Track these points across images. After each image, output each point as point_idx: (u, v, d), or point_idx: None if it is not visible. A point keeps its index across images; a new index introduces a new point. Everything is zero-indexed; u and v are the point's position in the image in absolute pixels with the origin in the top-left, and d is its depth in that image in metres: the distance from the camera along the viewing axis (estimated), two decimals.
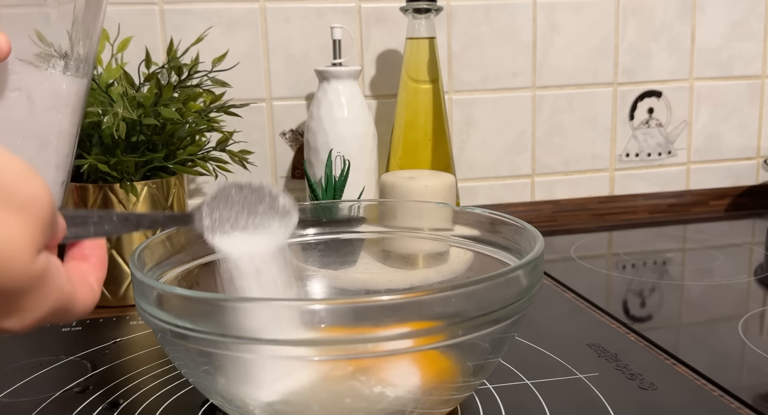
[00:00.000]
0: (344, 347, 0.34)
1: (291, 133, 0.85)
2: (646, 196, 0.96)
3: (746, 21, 0.94)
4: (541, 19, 0.89)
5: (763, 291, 0.67)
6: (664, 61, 0.93)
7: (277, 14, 0.82)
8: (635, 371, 0.49)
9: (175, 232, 0.47)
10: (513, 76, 0.89)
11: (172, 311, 0.36)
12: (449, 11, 0.86)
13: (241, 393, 0.38)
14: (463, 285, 0.35)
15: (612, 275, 0.73)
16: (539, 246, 0.41)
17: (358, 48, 0.85)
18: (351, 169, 0.72)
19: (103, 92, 0.62)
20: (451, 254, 0.53)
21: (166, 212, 0.66)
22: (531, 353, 0.53)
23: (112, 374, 0.51)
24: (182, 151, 0.67)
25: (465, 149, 0.90)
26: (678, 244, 0.86)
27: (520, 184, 0.92)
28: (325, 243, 0.54)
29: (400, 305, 0.34)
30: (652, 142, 0.95)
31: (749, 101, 0.96)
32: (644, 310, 0.64)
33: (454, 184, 0.69)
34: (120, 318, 0.62)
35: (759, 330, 0.58)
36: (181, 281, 0.47)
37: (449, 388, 0.40)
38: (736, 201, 0.99)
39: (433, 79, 0.78)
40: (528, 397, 0.46)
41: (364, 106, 0.76)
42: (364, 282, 0.55)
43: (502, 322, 0.37)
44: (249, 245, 0.39)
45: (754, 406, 0.45)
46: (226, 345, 0.34)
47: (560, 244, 0.83)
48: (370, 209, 0.56)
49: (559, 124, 0.92)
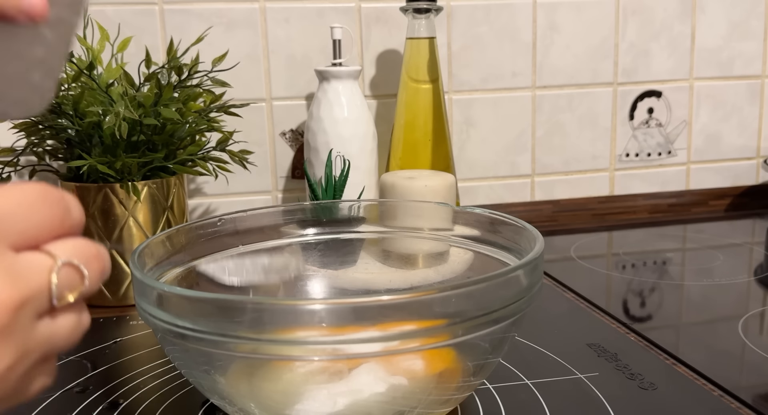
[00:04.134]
0: (344, 347, 0.34)
1: (291, 133, 0.85)
2: (646, 196, 0.96)
3: (746, 21, 0.94)
4: (541, 19, 0.89)
5: (763, 291, 0.67)
6: (664, 61, 0.93)
7: (277, 14, 0.82)
8: (635, 371, 0.49)
9: (175, 232, 0.47)
10: (513, 76, 0.89)
11: (172, 311, 0.36)
12: (449, 11, 0.86)
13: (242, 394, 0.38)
14: (463, 285, 0.35)
15: (612, 275, 0.73)
16: (539, 246, 0.41)
17: (358, 48, 0.85)
18: (351, 169, 0.72)
19: (103, 92, 0.62)
20: (451, 254, 0.53)
21: None
22: (531, 353, 0.53)
23: (112, 374, 0.51)
24: (182, 151, 0.67)
25: (465, 149, 0.90)
26: (678, 244, 0.86)
27: (520, 184, 0.92)
28: (325, 243, 0.54)
29: (400, 305, 0.34)
30: (652, 142, 0.95)
31: (749, 101, 0.96)
32: (644, 310, 0.64)
33: (454, 184, 0.69)
34: (120, 318, 0.62)
35: (759, 330, 0.58)
36: (181, 281, 0.47)
37: (449, 388, 0.40)
38: (736, 201, 0.99)
39: (433, 79, 0.78)
40: (528, 397, 0.46)
41: (364, 106, 0.76)
42: (364, 282, 0.55)
43: (502, 322, 0.37)
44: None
45: (754, 406, 0.45)
46: (226, 345, 0.34)
47: (560, 244, 0.83)
48: (370, 209, 0.56)
49: (559, 124, 0.92)
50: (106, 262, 0.28)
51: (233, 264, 0.50)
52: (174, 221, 0.67)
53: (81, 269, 0.26)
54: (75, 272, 0.26)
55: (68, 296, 0.26)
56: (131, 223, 0.64)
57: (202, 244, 0.49)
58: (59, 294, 0.26)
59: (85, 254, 0.27)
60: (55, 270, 0.25)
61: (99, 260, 0.28)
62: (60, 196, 0.27)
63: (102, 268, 0.28)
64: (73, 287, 0.26)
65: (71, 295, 0.26)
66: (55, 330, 0.26)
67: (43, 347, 0.26)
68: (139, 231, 0.64)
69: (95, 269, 0.27)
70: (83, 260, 0.27)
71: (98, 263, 0.28)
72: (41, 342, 0.26)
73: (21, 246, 0.25)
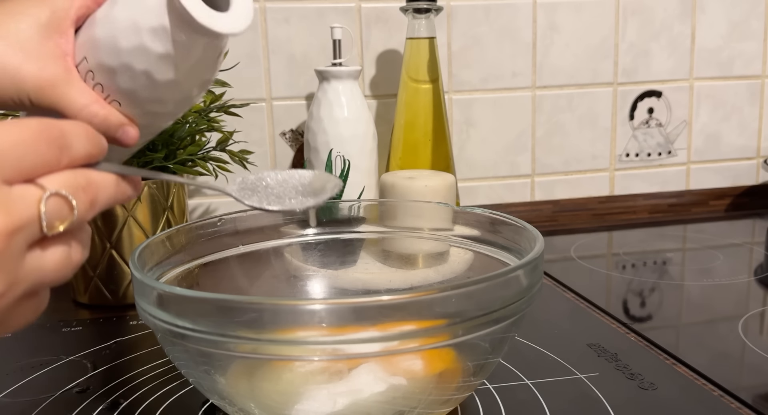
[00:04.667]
0: (344, 347, 0.34)
1: (291, 133, 0.85)
2: (646, 196, 0.96)
3: (746, 21, 0.94)
4: (541, 19, 0.89)
5: (763, 291, 0.67)
6: (664, 61, 0.93)
7: (277, 14, 0.82)
8: (635, 371, 0.49)
9: (175, 232, 0.47)
10: (513, 76, 0.89)
11: (172, 311, 0.36)
12: (449, 11, 0.86)
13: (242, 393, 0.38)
14: (463, 285, 0.35)
15: (612, 275, 0.73)
16: (539, 246, 0.41)
17: (358, 48, 0.85)
18: (351, 169, 0.72)
19: None
20: (451, 254, 0.53)
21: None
22: (531, 353, 0.53)
23: (112, 374, 0.51)
24: (182, 151, 0.67)
25: (465, 149, 0.90)
26: (678, 244, 0.86)
27: (520, 184, 0.92)
28: (325, 243, 0.54)
29: (400, 305, 0.34)
30: (652, 142, 0.95)
31: (749, 101, 0.96)
32: (644, 310, 0.64)
33: (454, 184, 0.69)
34: (120, 318, 0.62)
35: (759, 330, 0.58)
36: (181, 281, 0.47)
37: (449, 388, 0.40)
38: (736, 201, 0.99)
39: (433, 79, 0.78)
40: (528, 397, 0.46)
41: (364, 106, 0.76)
42: (364, 282, 0.55)
43: (502, 322, 0.37)
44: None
45: (754, 406, 0.45)
46: (226, 345, 0.34)
47: (560, 244, 0.83)
48: (370, 209, 0.56)
49: (559, 124, 0.92)
50: (96, 193, 0.30)
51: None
52: (174, 221, 0.67)
53: (69, 200, 0.28)
54: (64, 202, 0.28)
55: (58, 225, 0.28)
56: (131, 223, 0.64)
57: (202, 244, 0.49)
58: (49, 223, 0.27)
59: (74, 185, 0.28)
60: (43, 200, 0.27)
61: (88, 191, 0.29)
62: (60, 132, 0.28)
63: (91, 199, 0.29)
64: (63, 217, 0.28)
65: (61, 225, 0.28)
66: (45, 261, 0.28)
67: (32, 276, 0.27)
68: (139, 231, 0.64)
69: (84, 200, 0.29)
70: (71, 191, 0.28)
71: (87, 194, 0.29)
72: (31, 272, 0.27)
73: (15, 180, 0.26)
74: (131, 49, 0.35)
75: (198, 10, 0.34)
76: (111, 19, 0.36)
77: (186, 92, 0.38)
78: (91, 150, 0.30)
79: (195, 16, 0.34)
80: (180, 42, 0.35)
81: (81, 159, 0.29)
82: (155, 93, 0.36)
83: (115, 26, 0.35)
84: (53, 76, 0.35)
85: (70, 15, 0.37)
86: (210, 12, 0.34)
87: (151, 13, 0.35)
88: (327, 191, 0.37)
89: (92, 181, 0.30)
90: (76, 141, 0.29)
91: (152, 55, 0.35)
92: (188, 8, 0.34)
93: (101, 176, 0.30)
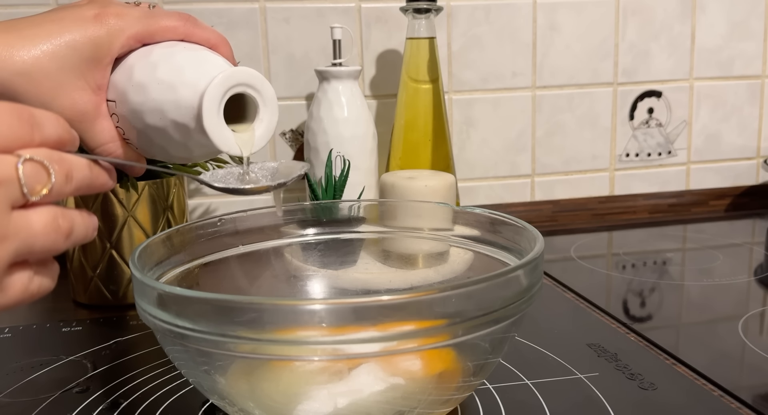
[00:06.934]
0: (344, 347, 0.34)
1: (291, 133, 0.85)
2: (646, 196, 0.96)
3: (746, 21, 0.94)
4: (541, 19, 0.89)
5: (763, 291, 0.67)
6: (664, 61, 0.93)
7: (277, 14, 0.82)
8: (635, 371, 0.49)
9: (175, 232, 0.47)
10: (513, 76, 0.89)
11: (172, 311, 0.36)
12: (449, 11, 0.86)
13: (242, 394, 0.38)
14: (463, 285, 0.35)
15: (612, 275, 0.73)
16: (539, 246, 0.41)
17: (358, 48, 0.85)
18: (351, 169, 0.72)
19: None
20: (451, 254, 0.53)
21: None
22: (531, 353, 0.53)
23: (112, 374, 0.51)
24: None
25: (465, 149, 0.90)
26: (678, 244, 0.86)
27: (520, 184, 0.92)
28: (325, 243, 0.54)
29: (400, 305, 0.34)
30: (652, 142, 0.95)
31: (749, 101, 0.96)
32: (644, 310, 0.64)
33: (454, 184, 0.69)
34: (120, 318, 0.62)
35: (759, 330, 0.58)
36: (181, 281, 0.47)
37: (449, 388, 0.40)
38: (736, 201, 0.99)
39: (433, 79, 0.78)
40: (528, 397, 0.46)
41: (364, 106, 0.76)
42: (364, 282, 0.55)
43: (502, 322, 0.37)
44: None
45: (754, 406, 0.45)
46: (226, 345, 0.34)
47: (560, 244, 0.83)
48: (370, 209, 0.56)
49: (559, 124, 0.92)
50: (70, 168, 0.31)
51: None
52: (174, 221, 0.67)
53: (45, 164, 0.30)
54: (40, 167, 0.30)
55: (40, 189, 0.29)
56: (131, 223, 0.64)
57: (202, 244, 0.49)
58: (30, 187, 0.29)
59: (48, 157, 0.30)
60: (19, 163, 0.28)
61: (62, 164, 0.31)
62: (30, 113, 0.30)
63: (66, 172, 0.31)
64: (43, 181, 0.30)
65: (43, 188, 0.29)
66: (31, 220, 0.29)
67: (21, 234, 0.28)
68: (139, 231, 0.64)
69: (59, 172, 0.30)
70: (46, 160, 0.30)
71: (62, 167, 0.31)
72: (19, 228, 0.28)
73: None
74: (154, 126, 0.40)
75: (217, 135, 0.38)
76: (146, 91, 0.39)
77: (195, 158, 0.44)
78: (63, 135, 0.32)
79: (214, 141, 0.38)
80: (197, 140, 0.39)
81: (53, 140, 0.31)
82: (166, 154, 0.42)
83: (147, 99, 0.39)
84: (82, 114, 0.40)
85: (112, 52, 0.40)
86: (227, 134, 0.39)
87: (180, 110, 0.39)
88: (296, 171, 0.41)
89: (65, 158, 0.31)
90: (47, 122, 0.31)
91: (171, 139, 0.40)
92: (208, 131, 0.38)
93: (74, 157, 0.32)
